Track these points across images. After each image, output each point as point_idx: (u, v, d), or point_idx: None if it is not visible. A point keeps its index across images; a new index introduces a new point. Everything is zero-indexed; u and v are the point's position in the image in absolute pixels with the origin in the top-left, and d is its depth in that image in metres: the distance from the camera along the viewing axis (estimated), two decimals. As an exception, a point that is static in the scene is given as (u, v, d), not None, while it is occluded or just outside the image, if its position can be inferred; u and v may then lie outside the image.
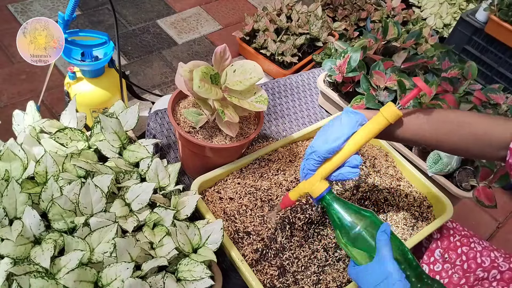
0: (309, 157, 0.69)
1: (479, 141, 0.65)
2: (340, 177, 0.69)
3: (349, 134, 0.67)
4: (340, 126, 0.68)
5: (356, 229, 0.65)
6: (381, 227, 0.63)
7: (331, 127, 0.68)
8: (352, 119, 0.67)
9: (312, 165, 0.69)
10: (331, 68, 1.12)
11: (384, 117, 0.66)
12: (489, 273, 0.84)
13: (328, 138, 0.67)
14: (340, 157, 0.68)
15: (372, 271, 0.61)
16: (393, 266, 0.60)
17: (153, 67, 2.07)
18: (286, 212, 0.84)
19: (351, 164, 0.68)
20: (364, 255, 0.64)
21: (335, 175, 0.69)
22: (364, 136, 0.67)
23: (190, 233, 0.74)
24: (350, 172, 0.68)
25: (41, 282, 0.61)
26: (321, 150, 0.67)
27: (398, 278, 0.59)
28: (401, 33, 1.20)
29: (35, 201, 0.74)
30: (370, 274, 0.62)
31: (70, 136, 0.83)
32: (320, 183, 0.69)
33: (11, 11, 2.19)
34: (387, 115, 0.66)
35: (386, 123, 0.66)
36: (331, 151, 0.67)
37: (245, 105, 0.81)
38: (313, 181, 0.69)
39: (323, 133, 0.69)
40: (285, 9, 2.04)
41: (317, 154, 0.68)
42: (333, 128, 0.68)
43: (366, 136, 0.67)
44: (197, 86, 0.75)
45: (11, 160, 0.78)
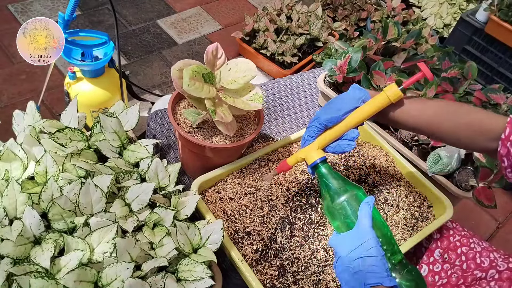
0: (312, 124, 0.73)
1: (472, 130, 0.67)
2: (337, 148, 0.72)
3: (351, 108, 0.70)
4: (344, 99, 0.72)
5: (342, 198, 0.68)
6: (366, 199, 0.66)
7: (336, 100, 0.72)
8: (356, 95, 0.71)
9: (312, 131, 0.72)
10: (332, 68, 1.12)
11: (387, 95, 0.69)
12: (487, 273, 0.84)
13: (331, 109, 0.71)
14: (339, 128, 0.71)
15: (350, 238, 0.64)
16: (371, 234, 0.62)
17: (153, 67, 2.07)
18: (286, 212, 0.84)
19: (349, 136, 0.72)
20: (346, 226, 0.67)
21: (332, 146, 0.73)
22: (365, 112, 0.70)
23: (190, 233, 0.74)
24: (347, 144, 0.72)
25: (41, 282, 0.61)
26: (322, 118, 0.71)
27: (374, 244, 0.61)
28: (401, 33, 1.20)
29: (35, 201, 0.74)
30: (348, 240, 0.63)
31: (70, 136, 0.83)
32: (317, 151, 0.72)
33: (11, 11, 2.19)
34: (389, 94, 0.69)
35: (387, 101, 0.69)
36: (331, 120, 0.71)
37: (239, 104, 0.81)
38: (311, 149, 0.72)
39: (328, 104, 0.73)
40: (285, 9, 2.04)
41: (318, 121, 0.72)
42: (337, 101, 0.72)
43: (367, 112, 0.70)
44: (186, 84, 0.75)
45: (11, 160, 0.78)
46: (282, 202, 0.86)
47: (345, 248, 0.63)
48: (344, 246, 0.63)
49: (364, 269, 0.60)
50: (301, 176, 0.90)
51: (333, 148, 0.73)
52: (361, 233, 0.62)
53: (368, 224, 0.63)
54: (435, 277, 0.89)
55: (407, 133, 1.09)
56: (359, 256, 0.61)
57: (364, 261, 0.60)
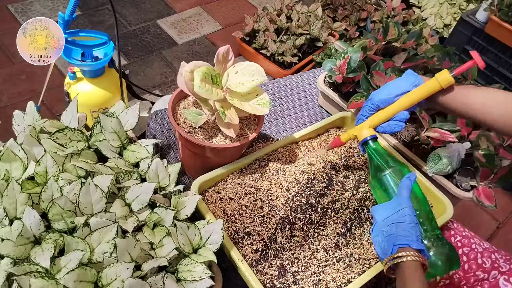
0: (365, 104, 0.80)
1: None
2: (387, 128, 0.79)
3: (403, 91, 0.76)
4: (397, 83, 0.78)
5: (386, 172, 0.76)
6: (408, 174, 0.73)
7: (391, 83, 0.79)
8: (410, 80, 0.77)
9: (366, 111, 0.80)
10: (331, 69, 1.12)
11: (438, 81, 0.73)
12: (489, 274, 0.84)
13: (385, 91, 0.78)
14: (391, 109, 0.78)
15: (388, 206, 0.70)
16: (407, 203, 0.68)
17: (153, 67, 2.07)
18: (286, 212, 0.84)
19: (399, 117, 0.78)
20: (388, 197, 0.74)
21: (383, 125, 0.79)
22: (416, 95, 0.75)
23: (190, 233, 0.74)
24: (396, 124, 0.78)
25: (41, 282, 0.61)
26: (375, 99, 0.79)
27: (408, 212, 0.67)
28: (401, 33, 1.20)
29: (35, 201, 0.74)
30: (387, 208, 0.70)
31: (70, 136, 0.83)
32: (368, 129, 0.80)
33: (11, 11, 2.19)
34: (440, 80, 0.73)
35: (438, 87, 0.73)
36: (384, 102, 0.78)
37: (246, 108, 0.81)
38: (362, 127, 0.81)
39: (383, 87, 0.80)
40: (285, 9, 2.04)
41: (371, 101, 0.79)
42: (391, 84, 0.78)
43: (418, 95, 0.75)
44: (198, 86, 0.76)
45: (11, 160, 0.78)
46: (282, 202, 0.86)
47: (382, 214, 0.69)
48: (382, 213, 0.70)
49: (396, 233, 0.66)
50: (301, 176, 0.90)
51: (383, 128, 0.79)
52: (399, 202, 0.68)
53: (406, 195, 0.69)
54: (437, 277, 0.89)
55: (407, 133, 1.09)
56: (393, 222, 0.67)
57: (397, 226, 0.66)
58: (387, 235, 0.67)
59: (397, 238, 0.65)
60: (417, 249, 0.65)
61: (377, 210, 0.72)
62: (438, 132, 1.00)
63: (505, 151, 0.99)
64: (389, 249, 0.66)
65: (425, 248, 0.67)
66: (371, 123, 0.80)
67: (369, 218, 0.89)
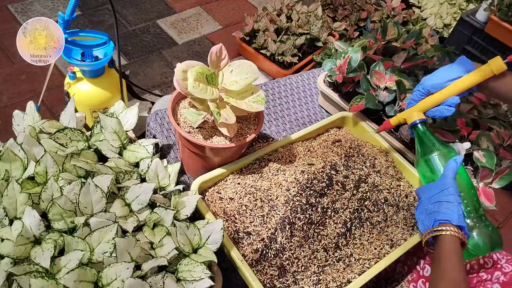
0: (416, 88, 0.80)
1: None
2: (437, 113, 0.79)
3: (455, 77, 0.77)
4: (450, 69, 0.78)
5: (434, 154, 0.78)
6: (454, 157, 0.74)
7: (443, 68, 0.79)
8: (462, 66, 0.77)
9: (416, 95, 0.81)
10: (331, 69, 1.12)
11: (490, 68, 0.74)
12: (492, 274, 0.84)
13: (436, 76, 0.78)
14: (441, 94, 0.78)
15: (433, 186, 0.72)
16: (451, 183, 0.70)
17: (153, 67, 2.07)
18: (286, 212, 0.84)
19: (449, 102, 0.78)
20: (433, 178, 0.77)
21: (433, 110, 0.80)
22: (468, 81, 0.76)
23: (190, 233, 0.74)
24: (446, 109, 0.78)
25: (41, 282, 0.61)
26: (426, 84, 0.79)
27: (452, 192, 0.68)
28: (401, 33, 1.20)
29: (35, 201, 0.74)
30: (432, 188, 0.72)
31: (70, 136, 0.83)
32: (417, 113, 0.81)
33: (11, 11, 2.19)
34: (493, 66, 0.74)
35: (491, 73, 0.75)
36: (435, 87, 0.78)
37: (242, 106, 0.81)
38: (412, 111, 0.82)
39: (434, 72, 0.80)
40: (285, 9, 2.04)
41: (422, 86, 0.79)
42: (443, 70, 0.79)
43: (470, 81, 0.76)
44: (191, 86, 0.75)
45: (11, 160, 0.78)
46: (282, 202, 0.86)
47: (427, 194, 0.72)
48: (427, 192, 0.72)
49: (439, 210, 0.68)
50: (301, 176, 0.90)
51: (433, 113, 0.80)
52: (443, 182, 0.70)
53: (452, 176, 0.70)
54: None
55: (407, 133, 1.09)
56: (437, 200, 0.69)
57: (441, 205, 0.68)
58: (430, 212, 0.69)
59: (439, 214, 0.67)
60: (457, 225, 0.66)
61: (423, 190, 0.74)
62: (438, 132, 1.00)
63: (505, 151, 0.99)
64: (430, 224, 0.68)
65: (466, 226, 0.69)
66: (421, 107, 0.81)
67: (369, 218, 0.89)
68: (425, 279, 0.92)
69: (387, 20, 1.21)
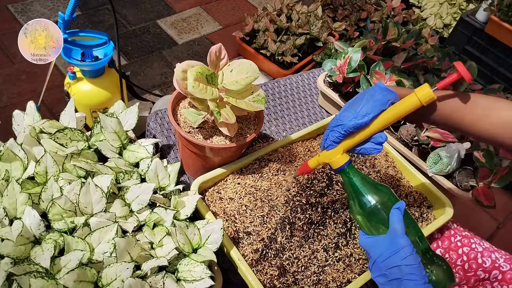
0: (335, 129, 0.69)
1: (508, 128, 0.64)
2: (362, 151, 0.70)
3: (379, 112, 0.66)
4: (372, 102, 0.66)
5: (372, 203, 0.66)
6: (396, 204, 0.65)
7: (361, 102, 0.67)
8: (385, 97, 0.66)
9: (336, 137, 0.69)
10: (331, 69, 1.12)
11: (418, 98, 0.65)
12: (490, 273, 0.84)
13: (358, 113, 0.67)
14: (366, 133, 0.68)
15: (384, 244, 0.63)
16: (405, 241, 0.61)
17: (153, 67, 2.07)
18: (286, 212, 0.84)
19: (376, 140, 0.68)
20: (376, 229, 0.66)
21: (358, 149, 0.70)
22: (394, 116, 0.66)
23: (189, 233, 0.74)
24: (373, 148, 0.69)
25: (41, 282, 0.61)
26: (348, 125, 0.67)
27: (409, 252, 0.60)
28: (401, 33, 1.20)
29: (35, 201, 0.74)
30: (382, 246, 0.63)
31: (70, 136, 0.83)
32: (342, 156, 0.69)
33: (11, 11, 2.19)
34: (421, 97, 0.65)
35: (418, 104, 0.65)
36: (358, 127, 0.67)
37: (242, 105, 0.81)
38: (335, 153, 0.70)
39: (351, 106, 0.68)
40: (285, 9, 2.04)
41: (343, 128, 0.67)
42: (362, 103, 0.67)
43: (396, 115, 0.66)
44: (191, 86, 0.75)
45: (11, 160, 0.78)
46: (282, 202, 0.86)
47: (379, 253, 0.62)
48: (378, 250, 0.63)
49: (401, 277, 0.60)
50: (301, 176, 0.90)
51: (358, 151, 0.70)
52: (395, 241, 0.61)
53: (401, 231, 0.62)
54: None
55: (407, 133, 1.09)
56: (395, 265, 0.60)
57: (401, 270, 0.60)
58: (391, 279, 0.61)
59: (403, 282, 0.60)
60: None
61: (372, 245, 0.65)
62: (438, 132, 1.00)
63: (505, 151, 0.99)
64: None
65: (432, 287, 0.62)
66: (344, 147, 0.69)
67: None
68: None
69: (387, 20, 1.21)
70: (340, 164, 0.69)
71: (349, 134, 0.68)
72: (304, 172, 0.75)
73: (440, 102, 0.67)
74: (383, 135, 0.68)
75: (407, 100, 0.66)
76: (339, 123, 0.68)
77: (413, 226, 0.67)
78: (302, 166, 0.76)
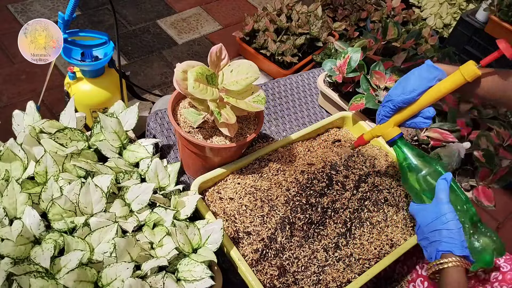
0: (385, 104, 0.75)
1: None
2: (412, 125, 0.76)
3: (426, 88, 0.72)
4: (419, 79, 0.72)
5: (420, 172, 0.73)
6: (443, 175, 0.71)
7: (410, 78, 0.73)
8: (432, 74, 0.71)
9: (387, 112, 0.76)
10: (331, 69, 1.12)
11: (463, 75, 0.70)
12: (490, 274, 0.84)
13: (406, 89, 0.72)
14: (415, 107, 0.73)
15: (429, 210, 0.69)
16: (448, 208, 0.67)
17: (153, 67, 2.07)
18: (286, 212, 0.84)
19: (424, 115, 0.73)
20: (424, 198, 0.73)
21: (408, 123, 0.76)
22: (441, 91, 0.71)
23: (189, 233, 0.74)
24: (422, 122, 0.74)
25: (41, 282, 0.61)
26: (397, 100, 0.73)
27: (451, 218, 0.66)
28: (401, 33, 1.20)
29: (35, 201, 0.74)
30: (428, 212, 0.69)
31: (70, 136, 0.83)
32: (393, 128, 0.77)
33: (11, 11, 2.19)
34: (465, 74, 0.70)
35: (463, 81, 0.70)
36: (406, 102, 0.73)
37: (242, 105, 0.81)
38: (387, 126, 0.77)
39: (401, 83, 0.73)
40: (285, 9, 2.04)
41: (393, 102, 0.74)
42: (411, 80, 0.72)
43: (443, 92, 0.71)
44: (191, 86, 0.75)
45: (11, 160, 0.78)
46: (282, 202, 0.86)
47: (424, 219, 0.69)
48: (423, 217, 0.69)
49: (440, 239, 0.66)
50: (301, 176, 0.90)
51: (408, 125, 0.76)
52: (439, 207, 0.67)
53: (445, 199, 0.68)
54: None
55: (407, 133, 1.09)
56: (436, 229, 0.67)
57: (440, 233, 0.66)
58: (431, 241, 0.67)
59: (440, 244, 0.66)
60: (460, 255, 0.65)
61: (418, 211, 0.71)
62: (438, 132, 1.00)
63: (505, 151, 0.99)
64: (433, 254, 0.67)
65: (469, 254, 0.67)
66: (395, 122, 0.76)
67: (369, 218, 0.89)
68: (424, 278, 0.92)
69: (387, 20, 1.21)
70: (392, 136, 0.77)
71: (398, 109, 0.75)
72: (360, 144, 0.85)
73: (483, 79, 0.72)
74: (431, 110, 0.73)
75: (453, 77, 0.71)
76: (389, 98, 0.74)
77: (461, 197, 0.73)
78: (358, 139, 0.85)
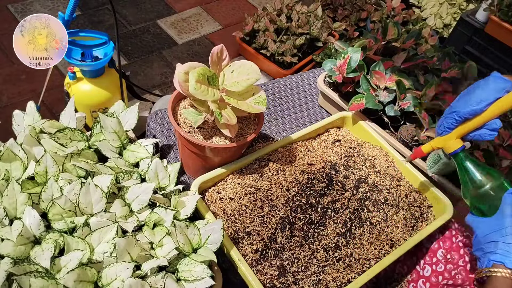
0: (449, 116, 0.73)
1: None
2: (476, 137, 0.73)
3: (494, 99, 0.69)
4: (486, 90, 0.70)
5: (485, 187, 0.71)
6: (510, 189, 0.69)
7: (477, 90, 0.71)
8: (500, 85, 0.69)
9: (451, 123, 0.73)
10: (331, 69, 1.12)
11: None
12: None
13: (472, 100, 0.70)
14: (481, 119, 0.71)
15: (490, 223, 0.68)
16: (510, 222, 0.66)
17: (153, 67, 2.07)
18: (286, 212, 0.84)
19: (491, 127, 0.71)
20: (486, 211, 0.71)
21: (471, 135, 0.73)
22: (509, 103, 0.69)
23: (189, 233, 0.74)
24: (488, 134, 0.72)
25: (41, 282, 0.61)
26: (463, 111, 0.71)
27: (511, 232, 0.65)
28: (401, 33, 1.20)
29: (35, 201, 0.74)
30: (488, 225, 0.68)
31: (70, 136, 0.83)
32: (456, 141, 0.74)
33: (11, 11, 2.19)
34: None
35: None
36: (472, 113, 0.70)
37: (243, 107, 0.81)
38: (449, 138, 0.74)
39: (467, 94, 0.71)
40: (285, 9, 2.04)
41: (458, 114, 0.71)
42: (477, 91, 0.70)
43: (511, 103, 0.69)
44: (193, 87, 0.75)
45: (11, 160, 0.78)
46: (282, 202, 0.86)
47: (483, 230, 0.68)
48: (483, 228, 0.69)
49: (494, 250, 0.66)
50: (301, 176, 0.90)
51: (472, 137, 0.73)
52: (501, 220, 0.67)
53: (510, 212, 0.66)
54: (439, 277, 0.89)
55: (407, 133, 1.09)
56: (493, 240, 0.66)
57: (496, 245, 0.66)
58: (485, 252, 0.67)
59: (494, 254, 0.66)
60: None
61: (477, 224, 0.70)
62: (438, 132, 1.00)
63: (505, 151, 0.99)
64: (484, 264, 0.67)
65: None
66: (458, 133, 0.73)
67: (369, 218, 0.89)
68: (425, 279, 0.92)
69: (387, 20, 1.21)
70: (454, 149, 0.74)
71: (464, 120, 0.72)
72: (417, 156, 0.83)
73: None
74: (498, 122, 0.71)
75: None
76: (453, 110, 0.72)
77: None
78: (415, 152, 0.83)
